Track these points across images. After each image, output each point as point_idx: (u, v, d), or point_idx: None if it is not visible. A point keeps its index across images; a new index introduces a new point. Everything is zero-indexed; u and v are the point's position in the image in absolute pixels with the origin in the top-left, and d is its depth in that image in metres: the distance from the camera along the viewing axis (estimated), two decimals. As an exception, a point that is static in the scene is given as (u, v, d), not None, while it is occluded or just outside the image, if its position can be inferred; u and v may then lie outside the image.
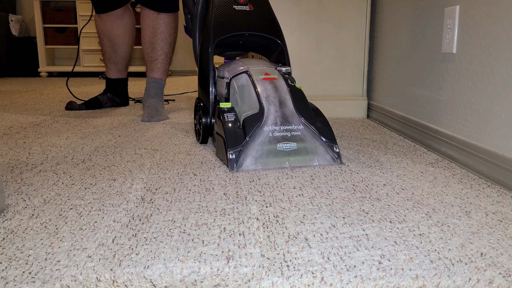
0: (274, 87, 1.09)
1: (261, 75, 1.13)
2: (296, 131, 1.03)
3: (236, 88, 1.14)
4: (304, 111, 1.07)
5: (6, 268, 0.56)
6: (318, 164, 1.03)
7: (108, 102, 2.02)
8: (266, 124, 1.02)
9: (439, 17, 1.20)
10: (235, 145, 1.01)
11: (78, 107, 1.95)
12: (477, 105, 1.02)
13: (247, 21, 1.28)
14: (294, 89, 1.12)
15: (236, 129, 1.04)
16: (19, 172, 0.98)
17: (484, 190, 0.87)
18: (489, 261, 0.58)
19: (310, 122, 1.06)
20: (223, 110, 1.09)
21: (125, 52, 1.98)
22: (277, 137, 1.02)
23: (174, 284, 0.54)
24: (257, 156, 1.00)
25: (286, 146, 1.02)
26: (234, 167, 0.99)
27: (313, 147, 1.04)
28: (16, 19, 4.30)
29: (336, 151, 1.06)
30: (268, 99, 1.06)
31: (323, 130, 1.07)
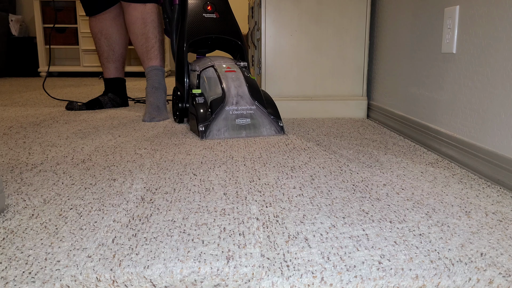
0: (233, 77, 1.44)
1: (224, 68, 1.48)
2: (250, 110, 1.38)
3: (205, 79, 1.49)
4: (256, 96, 1.42)
5: (6, 268, 0.56)
6: (266, 134, 1.38)
7: (109, 102, 2.02)
8: (227, 105, 1.36)
9: (439, 17, 1.20)
10: (204, 120, 1.34)
11: (78, 108, 1.95)
12: (477, 105, 1.02)
13: (214, 26, 1.64)
14: (249, 79, 1.46)
15: (205, 108, 1.37)
16: (19, 172, 0.98)
17: (484, 190, 0.87)
18: (489, 261, 0.58)
19: (261, 104, 1.41)
20: (195, 95, 1.43)
21: (123, 49, 1.98)
22: (236, 114, 1.36)
23: (174, 284, 0.54)
24: (220, 128, 1.34)
25: (242, 121, 1.36)
26: (203, 136, 1.32)
27: (262, 122, 1.39)
28: (16, 19, 4.30)
29: (280, 125, 1.41)
30: (229, 86, 1.40)
31: (270, 110, 1.42)
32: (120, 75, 2.03)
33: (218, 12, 1.66)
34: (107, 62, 1.98)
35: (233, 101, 1.37)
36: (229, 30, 1.64)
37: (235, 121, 1.35)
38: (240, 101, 1.37)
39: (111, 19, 1.91)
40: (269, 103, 1.43)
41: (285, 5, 1.71)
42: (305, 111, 1.76)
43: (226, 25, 1.65)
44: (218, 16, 1.65)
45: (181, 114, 1.58)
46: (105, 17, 1.89)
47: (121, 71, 2.03)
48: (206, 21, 1.63)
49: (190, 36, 1.58)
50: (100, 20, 1.90)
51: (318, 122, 1.66)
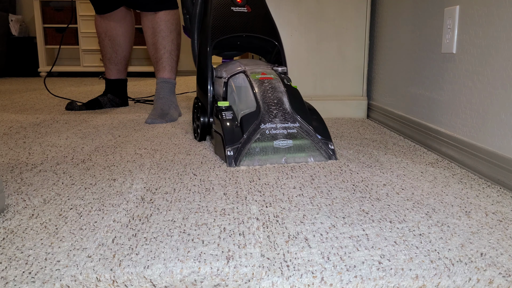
0: (270, 86, 1.13)
1: (258, 75, 1.17)
2: (292, 129, 1.07)
3: (233, 88, 1.18)
4: (300, 110, 1.10)
5: (6, 268, 0.56)
6: (314, 160, 1.06)
7: (108, 103, 2.02)
8: (263, 122, 1.06)
9: (439, 17, 1.20)
10: (233, 142, 1.04)
11: (78, 108, 1.94)
12: (477, 105, 1.02)
13: (244, 22, 1.32)
14: (290, 89, 1.15)
15: (234, 127, 1.07)
16: (19, 172, 0.98)
17: (484, 190, 0.87)
18: (489, 261, 0.58)
19: (306, 120, 1.09)
20: (221, 108, 1.12)
21: (126, 52, 1.97)
22: (274, 135, 1.05)
23: (174, 284, 0.54)
24: (254, 153, 1.04)
25: (282, 143, 1.05)
26: (232, 164, 1.02)
27: (309, 144, 1.07)
28: (16, 19, 4.30)
29: (331, 148, 1.08)
30: (265, 98, 1.10)
31: (318, 128, 1.10)
32: (121, 76, 2.03)
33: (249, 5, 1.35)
34: (109, 63, 1.97)
35: (270, 117, 1.07)
36: (263, 28, 1.33)
37: (273, 143, 1.04)
38: (279, 116, 1.08)
39: (117, 21, 1.89)
40: (316, 118, 1.13)
41: (285, 5, 1.71)
42: (305, 111, 1.76)
43: (260, 21, 1.35)
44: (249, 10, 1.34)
45: (203, 131, 1.26)
46: (111, 18, 1.88)
47: (122, 72, 2.02)
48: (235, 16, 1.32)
49: (214, 35, 1.27)
50: (106, 21, 1.88)
51: (318, 122, 1.66)
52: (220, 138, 1.09)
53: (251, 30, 1.31)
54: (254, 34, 1.31)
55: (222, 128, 1.07)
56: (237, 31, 1.30)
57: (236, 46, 1.40)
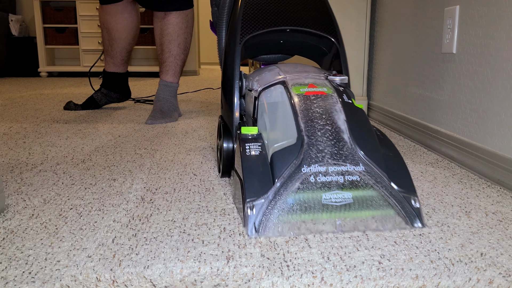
0: (322, 105, 0.76)
1: (304, 88, 0.80)
2: (353, 174, 0.69)
3: (265, 106, 0.81)
4: (366, 143, 0.72)
5: (6, 268, 0.56)
6: (386, 227, 0.67)
7: (103, 98, 1.97)
8: (307, 163, 0.69)
9: (439, 17, 1.20)
10: (257, 194, 0.67)
11: (74, 107, 1.94)
12: (477, 105, 1.02)
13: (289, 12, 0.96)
14: (352, 110, 0.77)
15: (261, 168, 0.71)
16: (19, 172, 0.98)
17: (484, 190, 0.87)
18: (489, 261, 0.58)
19: (375, 160, 0.71)
20: (245, 138, 0.77)
21: (121, 48, 1.91)
22: (323, 184, 0.68)
23: (174, 284, 0.54)
24: (289, 213, 0.66)
25: (336, 198, 0.67)
26: (252, 231, 0.65)
27: (379, 199, 0.68)
28: (16, 19, 4.30)
29: (415, 206, 0.69)
30: (312, 124, 0.73)
31: (394, 171, 0.71)
32: (118, 70, 1.96)
33: None
34: (106, 55, 1.94)
35: (318, 155, 0.70)
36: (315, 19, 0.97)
37: (322, 198, 0.67)
38: (333, 154, 0.70)
39: (112, 15, 1.85)
40: (392, 157, 0.75)
41: (285, 5, 1.70)
42: (305, 111, 1.75)
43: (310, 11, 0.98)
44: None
45: (227, 163, 0.91)
46: (109, 11, 1.84)
47: (119, 66, 1.96)
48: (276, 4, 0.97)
49: (246, 30, 0.93)
50: (105, 12, 1.86)
51: (318, 122, 1.66)
52: (239, 184, 0.73)
53: (299, 23, 0.96)
54: (304, 28, 0.95)
55: (242, 168, 0.72)
56: (278, 23, 0.95)
57: (278, 46, 1.05)
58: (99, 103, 1.98)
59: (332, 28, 0.97)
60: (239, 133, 0.80)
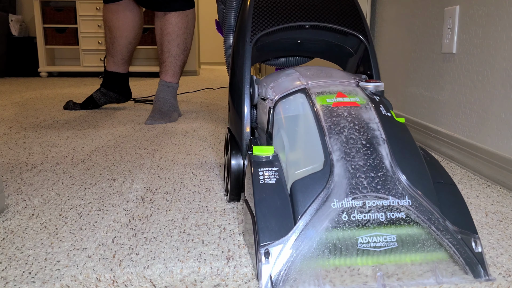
0: (355, 120, 0.61)
1: (331, 97, 0.64)
2: (397, 210, 0.54)
3: (283, 120, 0.67)
4: (413, 169, 0.57)
5: (6, 268, 0.56)
6: (439, 281, 0.53)
7: (102, 98, 1.95)
8: (337, 195, 0.54)
9: (439, 17, 1.20)
10: (274, 236, 0.53)
11: (73, 107, 1.93)
12: (477, 105, 1.02)
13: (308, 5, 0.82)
14: (394, 125, 0.62)
15: (279, 202, 0.56)
16: (19, 172, 0.98)
17: (484, 190, 0.87)
18: (489, 261, 0.58)
19: (425, 192, 0.56)
20: (258, 161, 0.61)
21: (122, 47, 1.90)
22: (360, 222, 0.53)
23: (174, 284, 0.54)
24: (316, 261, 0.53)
25: (376, 241, 0.53)
26: (268, 285, 0.50)
27: (429, 240, 0.54)
28: (16, 19, 4.30)
29: (476, 251, 0.54)
30: (343, 144, 0.58)
31: (449, 206, 0.57)
32: (119, 70, 1.95)
33: None
34: (108, 53, 1.94)
35: (353, 184, 0.55)
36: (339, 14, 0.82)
37: (357, 241, 0.53)
38: (372, 185, 0.55)
39: (114, 13, 1.84)
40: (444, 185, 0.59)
41: (285, 5, 1.70)
42: (305, 111, 1.75)
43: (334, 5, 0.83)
44: None
45: (235, 184, 0.77)
46: (111, 9, 1.84)
47: (119, 66, 1.95)
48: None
49: (257, 27, 0.79)
50: (107, 10, 1.85)
51: (318, 122, 1.66)
52: (251, 220, 0.57)
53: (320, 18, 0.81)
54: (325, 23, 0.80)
55: (254, 202, 0.56)
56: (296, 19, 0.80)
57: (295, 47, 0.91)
58: (98, 102, 1.96)
59: (359, 23, 0.82)
60: (251, 154, 0.63)
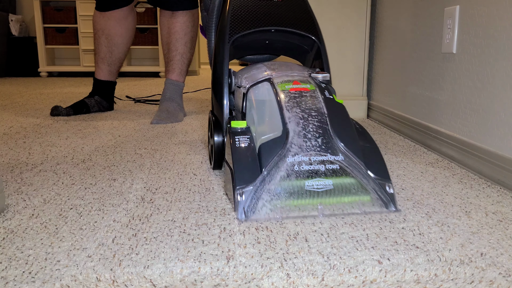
0: (305, 100, 0.83)
1: (289, 85, 0.86)
2: (334, 164, 0.76)
3: (253, 101, 0.88)
4: (346, 135, 0.79)
5: (6, 268, 0.56)
6: (362, 211, 0.75)
7: (96, 106, 1.89)
8: (291, 153, 0.75)
9: (439, 17, 1.20)
10: (246, 181, 0.74)
11: (65, 112, 1.80)
12: (477, 105, 1.02)
13: (274, 14, 1.03)
14: (333, 104, 0.84)
15: (250, 158, 0.77)
16: (19, 172, 0.98)
17: (484, 190, 0.87)
18: (489, 261, 0.58)
19: (354, 151, 0.77)
20: (235, 131, 0.83)
21: (122, 54, 1.90)
22: (306, 172, 0.74)
23: (174, 284, 0.54)
24: (275, 198, 0.73)
25: (318, 185, 0.74)
26: (242, 214, 0.72)
27: (356, 185, 0.76)
28: (16, 19, 4.30)
29: (389, 192, 0.76)
30: (296, 118, 0.79)
31: (371, 161, 0.78)
32: (112, 78, 1.92)
33: None
34: (101, 63, 1.88)
35: (302, 146, 0.76)
36: (298, 20, 1.03)
37: (305, 184, 0.73)
38: (315, 145, 0.76)
39: (117, 20, 1.83)
40: (369, 147, 0.81)
41: (285, 5, 1.70)
42: (305, 111, 1.76)
43: (294, 13, 1.05)
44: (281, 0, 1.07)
45: (218, 156, 0.97)
46: (112, 16, 1.82)
47: (114, 74, 1.93)
48: (261, 6, 1.04)
49: (234, 30, 1.00)
50: (105, 18, 1.82)
51: (318, 122, 1.66)
52: (230, 173, 0.79)
53: (283, 23, 1.02)
54: (287, 28, 1.02)
55: (232, 159, 0.77)
56: (264, 24, 1.01)
57: (264, 46, 1.12)
58: (90, 109, 1.88)
59: (313, 28, 1.05)
60: (229, 127, 0.85)
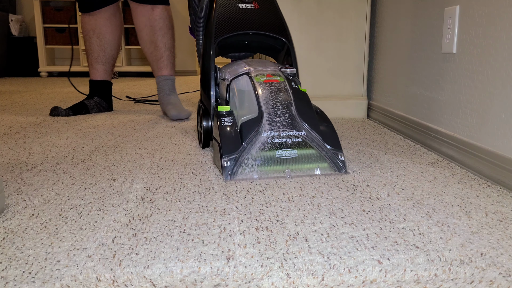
0: (275, 89, 1.05)
1: (263, 77, 1.09)
2: (298, 137, 0.98)
3: (235, 91, 1.10)
4: (307, 116, 1.02)
5: (6, 268, 0.56)
6: (320, 173, 0.97)
7: (95, 107, 1.89)
8: (265, 129, 0.98)
9: (439, 17, 1.20)
10: (230, 151, 0.96)
11: (65, 113, 1.80)
12: (477, 105, 1.02)
13: (251, 19, 1.25)
14: (298, 92, 1.07)
15: (233, 134, 0.99)
16: (19, 172, 0.98)
17: (484, 190, 0.87)
18: (489, 261, 0.58)
19: (313, 128, 1.00)
20: (220, 114, 1.05)
21: (114, 51, 1.89)
22: (276, 144, 0.96)
23: (174, 284, 0.54)
24: (253, 163, 0.95)
25: (285, 154, 0.96)
26: (228, 176, 0.93)
27: (316, 154, 0.98)
28: (16, 19, 4.30)
29: (341, 159, 0.99)
30: (269, 103, 1.02)
31: (327, 136, 1.01)
32: (108, 77, 1.92)
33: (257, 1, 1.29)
34: (95, 63, 1.88)
35: (273, 124, 0.98)
36: (271, 25, 1.26)
37: (276, 153, 0.95)
38: (283, 123, 0.99)
39: (106, 18, 1.82)
40: (326, 126, 1.04)
41: (285, 5, 1.71)
42: (305, 111, 1.76)
43: (268, 18, 1.27)
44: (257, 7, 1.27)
45: (206, 137, 1.19)
46: (100, 16, 1.81)
47: (109, 74, 1.91)
48: (241, 13, 1.25)
49: (218, 33, 1.21)
50: (94, 18, 1.82)
51: (318, 122, 1.66)
52: (217, 147, 1.00)
53: (259, 28, 1.24)
54: (262, 31, 1.24)
55: (219, 135, 0.99)
56: (243, 28, 1.23)
57: (244, 46, 1.33)
58: (90, 111, 1.88)
59: (284, 31, 1.27)
60: (217, 111, 1.07)
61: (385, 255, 0.59)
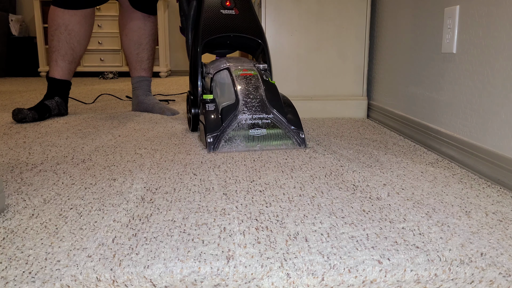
0: (250, 81, 1.29)
1: (240, 71, 1.32)
2: (267, 119, 1.21)
3: (217, 82, 1.35)
4: (275, 103, 1.25)
5: (6, 268, 0.56)
6: (285, 148, 1.21)
7: (57, 108, 1.75)
8: (240, 113, 1.20)
9: (439, 17, 1.20)
10: (213, 130, 1.18)
11: (31, 118, 1.64)
12: (477, 105, 1.02)
13: (232, 23, 1.48)
14: (268, 83, 1.30)
15: (215, 117, 1.21)
16: (19, 172, 0.98)
17: (484, 190, 0.87)
18: (489, 261, 0.58)
19: (280, 112, 1.23)
20: (205, 101, 1.28)
21: (83, 52, 1.81)
22: (250, 124, 1.20)
23: (174, 284, 0.54)
24: (231, 139, 1.18)
25: (257, 132, 1.20)
26: (211, 149, 1.17)
27: (281, 133, 1.22)
28: (16, 19, 4.30)
29: (301, 137, 1.23)
30: (243, 92, 1.25)
31: (291, 119, 1.24)
32: (70, 78, 1.79)
33: (237, 8, 1.51)
34: (61, 61, 1.74)
35: (247, 109, 1.21)
36: (248, 28, 1.48)
37: (249, 132, 1.19)
38: (255, 108, 1.21)
39: (84, 17, 1.74)
40: (291, 111, 1.27)
41: (285, 5, 1.71)
42: (305, 111, 1.76)
43: (246, 22, 1.50)
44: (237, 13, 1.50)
45: (195, 122, 1.43)
46: (78, 13, 1.72)
47: (72, 74, 1.80)
48: (224, 18, 1.48)
49: (205, 35, 1.43)
50: (70, 14, 1.71)
51: (318, 122, 1.66)
52: (203, 127, 1.23)
53: (238, 30, 1.47)
54: (241, 34, 1.47)
55: (204, 117, 1.21)
56: (226, 31, 1.46)
57: (226, 45, 1.55)
58: (51, 112, 1.73)
59: (259, 33, 1.49)
60: (202, 99, 1.31)
61: (385, 255, 0.59)
